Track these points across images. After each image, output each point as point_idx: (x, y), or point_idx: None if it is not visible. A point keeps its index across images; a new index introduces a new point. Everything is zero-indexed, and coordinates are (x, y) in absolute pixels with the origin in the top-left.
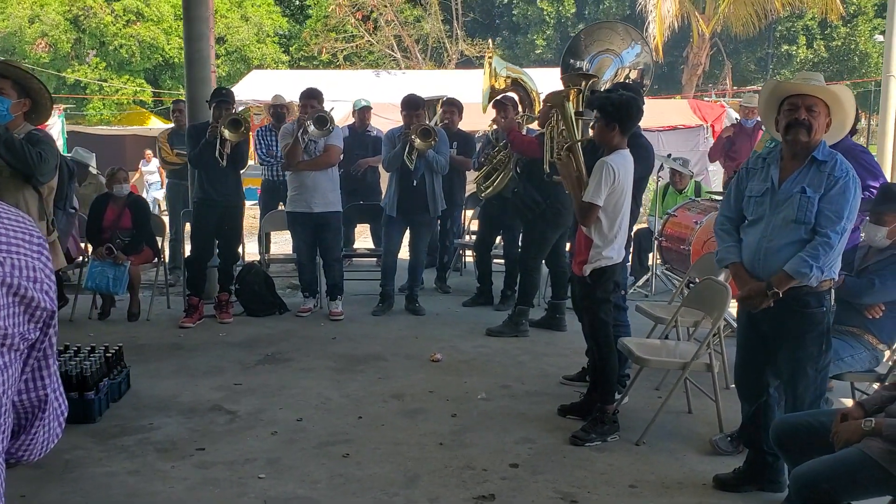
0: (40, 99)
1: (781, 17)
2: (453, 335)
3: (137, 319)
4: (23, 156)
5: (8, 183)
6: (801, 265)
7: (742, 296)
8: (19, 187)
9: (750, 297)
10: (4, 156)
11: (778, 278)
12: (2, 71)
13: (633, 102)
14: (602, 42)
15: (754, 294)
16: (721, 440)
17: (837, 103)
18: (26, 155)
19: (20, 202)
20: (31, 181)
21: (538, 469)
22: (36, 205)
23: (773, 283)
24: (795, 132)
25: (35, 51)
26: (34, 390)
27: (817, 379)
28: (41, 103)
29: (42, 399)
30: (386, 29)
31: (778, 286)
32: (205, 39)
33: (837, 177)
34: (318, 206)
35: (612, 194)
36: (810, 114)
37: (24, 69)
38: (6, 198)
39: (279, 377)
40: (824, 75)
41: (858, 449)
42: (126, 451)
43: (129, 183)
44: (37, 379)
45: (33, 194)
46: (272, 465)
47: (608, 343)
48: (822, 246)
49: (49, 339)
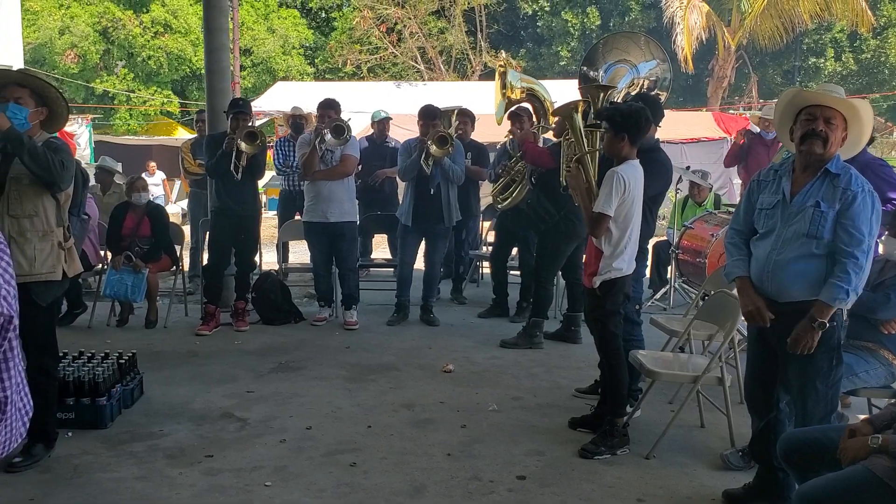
0: (57, 108)
1: (809, 30)
2: (467, 346)
3: (155, 327)
4: (46, 164)
5: (27, 190)
6: (838, 291)
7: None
8: (38, 194)
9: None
10: (28, 164)
11: (819, 309)
12: (20, 80)
13: (641, 113)
14: (620, 51)
15: (803, 333)
16: (732, 455)
17: (856, 117)
18: (49, 163)
19: (39, 209)
20: (50, 188)
21: (546, 481)
22: (54, 212)
23: (816, 315)
24: (810, 143)
25: (65, 62)
26: None
27: (828, 394)
28: (58, 112)
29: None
30: (410, 41)
31: (821, 316)
32: (225, 50)
33: (855, 191)
34: (333, 215)
35: (622, 204)
36: (828, 126)
37: (42, 79)
38: (26, 205)
39: (291, 385)
40: (853, 88)
41: (865, 467)
42: (135, 456)
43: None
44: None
45: (51, 201)
46: (279, 472)
47: (618, 356)
48: (852, 268)
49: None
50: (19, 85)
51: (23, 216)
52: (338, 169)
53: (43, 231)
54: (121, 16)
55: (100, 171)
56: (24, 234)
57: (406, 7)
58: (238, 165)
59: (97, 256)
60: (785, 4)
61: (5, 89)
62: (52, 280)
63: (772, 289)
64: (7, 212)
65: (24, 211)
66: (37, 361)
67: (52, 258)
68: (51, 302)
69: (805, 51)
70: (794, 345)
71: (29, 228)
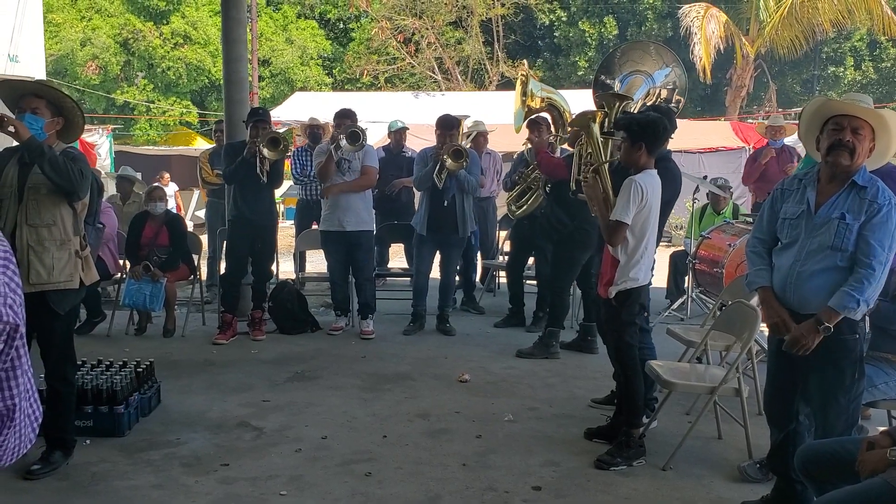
0: (73, 118)
1: (828, 39)
2: (483, 356)
3: (172, 335)
4: (66, 173)
5: (45, 200)
6: (848, 300)
7: (791, 338)
8: (56, 204)
9: (801, 337)
10: (49, 174)
11: (826, 313)
12: (37, 91)
13: (659, 122)
14: (634, 62)
15: (806, 333)
16: (749, 467)
17: (884, 128)
18: (70, 173)
19: (57, 218)
20: (69, 198)
21: (561, 492)
22: (71, 221)
23: (823, 319)
24: (837, 154)
25: (86, 73)
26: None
27: (849, 408)
28: (74, 122)
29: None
30: (427, 51)
31: (828, 321)
32: (243, 61)
33: (881, 204)
34: (350, 224)
35: (639, 213)
36: (855, 136)
37: (58, 89)
38: (44, 214)
39: (307, 395)
40: (873, 97)
41: (883, 479)
42: (152, 465)
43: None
44: (4, 389)
45: (69, 210)
46: (294, 482)
47: (634, 366)
48: (866, 278)
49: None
50: (36, 96)
51: (41, 225)
52: (361, 181)
53: (61, 240)
54: (141, 27)
55: (120, 180)
56: (43, 243)
57: (424, 18)
58: (263, 170)
59: (116, 266)
60: (805, 13)
61: (22, 100)
62: (70, 288)
63: (794, 300)
64: (26, 221)
65: (43, 220)
66: (56, 369)
67: (69, 266)
68: (69, 310)
69: (824, 59)
70: (793, 344)
71: (47, 237)
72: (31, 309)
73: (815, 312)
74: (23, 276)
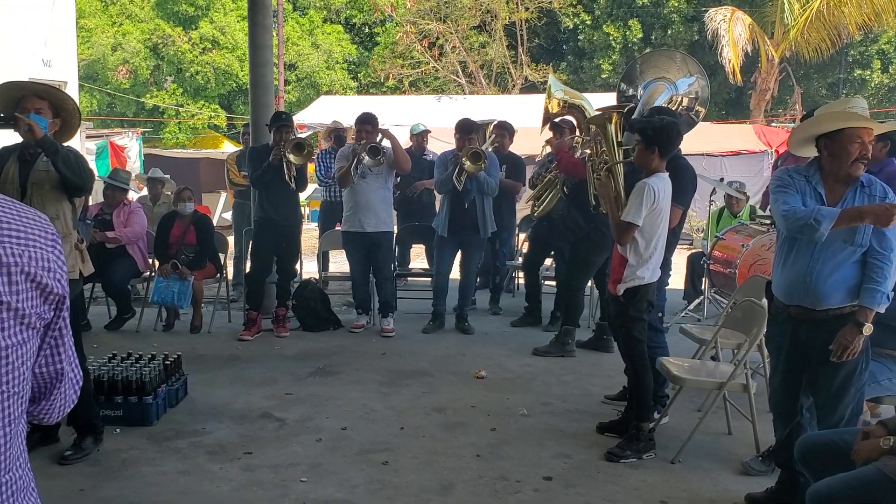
0: (70, 119)
1: (854, 42)
2: (500, 354)
3: (199, 332)
4: (78, 170)
5: (49, 195)
6: (879, 296)
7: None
8: (59, 199)
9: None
10: (63, 170)
11: (863, 313)
12: (40, 92)
13: (672, 126)
14: (658, 69)
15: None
16: (753, 461)
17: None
18: (81, 169)
19: (60, 213)
20: (80, 192)
21: (571, 483)
22: (71, 215)
23: (862, 319)
24: (859, 167)
25: (116, 77)
26: (52, 364)
27: (856, 397)
28: (70, 123)
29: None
30: (451, 55)
31: (867, 320)
32: (269, 66)
33: (882, 198)
34: (369, 225)
35: (650, 215)
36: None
37: (61, 91)
38: (48, 209)
39: (328, 388)
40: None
41: (876, 467)
42: (179, 452)
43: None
44: (54, 354)
45: (69, 206)
46: (314, 469)
47: (642, 361)
48: (887, 269)
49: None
50: (39, 97)
51: None
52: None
53: (63, 233)
54: (171, 33)
55: (150, 181)
56: None
57: (448, 22)
58: (291, 175)
59: (145, 264)
60: (831, 16)
61: (27, 100)
62: (72, 279)
63: (811, 297)
64: None
65: (47, 214)
66: None
67: (71, 258)
68: (71, 300)
69: (850, 62)
70: (842, 351)
71: None
72: None
73: (831, 307)
74: None
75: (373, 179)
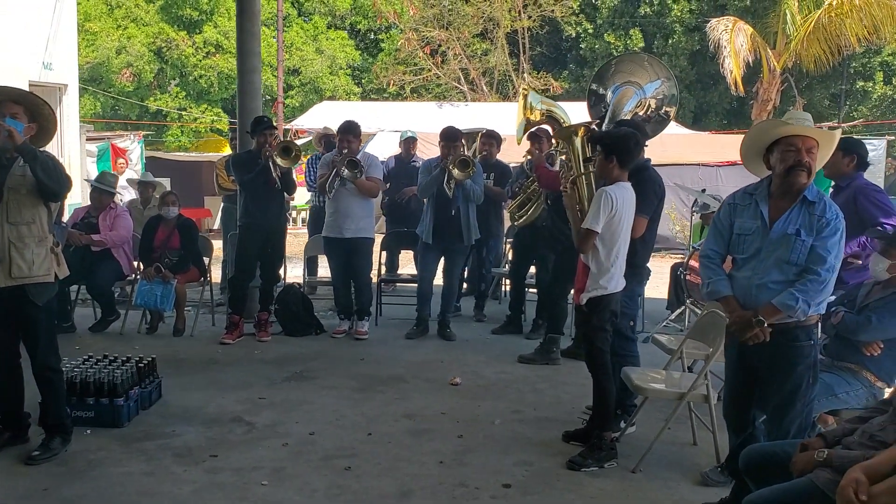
0: (47, 124)
1: (857, 53)
2: (478, 361)
3: (182, 335)
4: (56, 175)
5: (25, 200)
6: (789, 298)
7: (729, 324)
8: (35, 204)
9: (737, 326)
10: (41, 176)
11: (765, 309)
12: (16, 98)
13: (630, 136)
14: (626, 74)
15: (741, 323)
16: (711, 471)
17: (827, 147)
18: (59, 175)
19: (36, 217)
20: (56, 198)
21: (529, 490)
22: (46, 219)
23: (760, 313)
24: (797, 174)
25: (120, 80)
26: None
27: (803, 412)
28: (46, 128)
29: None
30: (453, 62)
31: (764, 316)
32: (257, 73)
33: (829, 219)
34: (349, 231)
35: (609, 223)
36: (809, 155)
37: (38, 96)
38: (24, 213)
39: (302, 393)
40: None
41: (809, 479)
42: (145, 454)
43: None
44: None
45: (45, 210)
46: (276, 473)
47: (605, 370)
48: (811, 283)
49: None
50: (15, 102)
51: (21, 223)
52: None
53: (39, 237)
54: (174, 36)
55: (141, 185)
56: (23, 240)
57: (450, 29)
58: (277, 175)
59: (130, 267)
60: (832, 27)
61: (2, 105)
62: (48, 282)
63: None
64: (6, 219)
65: (23, 218)
66: (45, 360)
67: (47, 261)
68: (45, 302)
69: (853, 74)
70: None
71: (27, 234)
72: (13, 303)
73: (773, 322)
74: (4, 270)
75: (353, 186)
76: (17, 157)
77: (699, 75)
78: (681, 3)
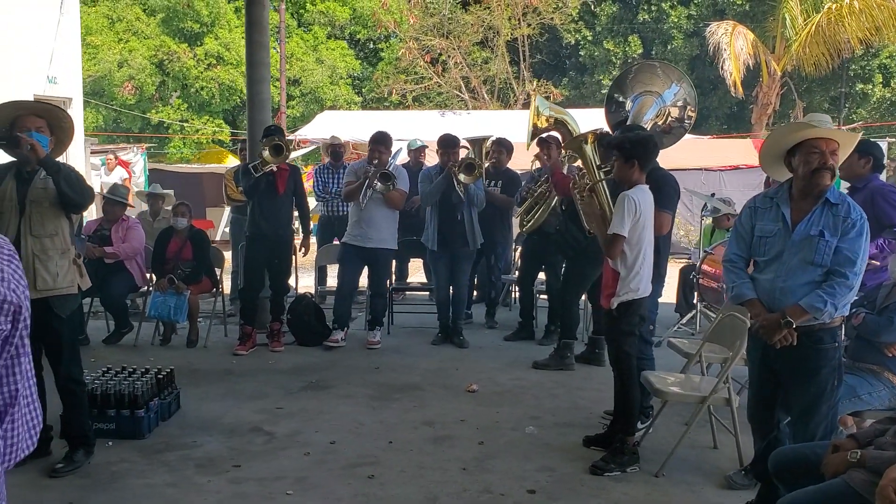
0: (63, 137)
1: (856, 56)
2: (493, 368)
3: (196, 346)
4: (80, 188)
5: (48, 212)
6: (817, 300)
7: (756, 327)
8: (58, 216)
9: (764, 328)
10: (64, 188)
11: (792, 310)
12: (39, 111)
13: (649, 139)
14: (644, 83)
15: (769, 325)
16: (736, 475)
17: (846, 148)
18: (81, 187)
19: (58, 229)
20: (75, 210)
21: (554, 495)
22: (68, 231)
23: (788, 314)
24: (821, 176)
25: (122, 93)
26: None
27: (829, 414)
28: (62, 140)
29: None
30: (454, 70)
31: (792, 317)
32: (266, 83)
33: (854, 220)
34: (371, 241)
35: (634, 226)
36: (833, 157)
37: (60, 109)
38: (47, 225)
39: (319, 403)
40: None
41: (843, 480)
42: (168, 465)
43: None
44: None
45: (66, 222)
46: (300, 482)
47: (630, 375)
48: (839, 285)
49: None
50: (38, 115)
51: (44, 235)
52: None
53: (62, 249)
54: (176, 49)
55: (151, 197)
56: (47, 252)
57: (451, 38)
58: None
59: (143, 279)
60: (832, 30)
61: (24, 119)
62: (71, 293)
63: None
64: (30, 232)
65: (46, 231)
66: (67, 371)
67: (70, 273)
68: (69, 314)
69: (852, 77)
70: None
71: (50, 247)
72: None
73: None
74: (29, 283)
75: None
76: (38, 170)
77: (698, 80)
78: (678, 10)
